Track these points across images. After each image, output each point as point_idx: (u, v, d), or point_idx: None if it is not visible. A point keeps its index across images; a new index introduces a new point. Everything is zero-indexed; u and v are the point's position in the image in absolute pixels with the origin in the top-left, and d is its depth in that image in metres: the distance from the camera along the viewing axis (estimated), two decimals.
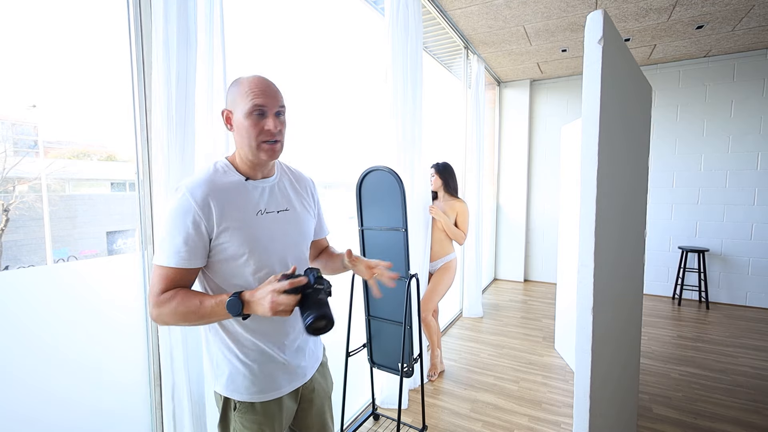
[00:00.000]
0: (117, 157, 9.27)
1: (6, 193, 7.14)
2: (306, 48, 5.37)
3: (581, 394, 1.13)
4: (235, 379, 0.92)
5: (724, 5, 2.95)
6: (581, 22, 3.24)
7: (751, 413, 2.18)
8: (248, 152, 0.88)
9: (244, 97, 0.85)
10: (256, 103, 0.84)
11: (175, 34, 1.07)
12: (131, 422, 1.21)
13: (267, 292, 0.78)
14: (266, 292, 0.78)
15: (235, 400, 0.93)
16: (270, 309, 0.76)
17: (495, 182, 5.28)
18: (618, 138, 1.30)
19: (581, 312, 1.14)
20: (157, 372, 1.18)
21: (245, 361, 0.92)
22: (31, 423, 1.04)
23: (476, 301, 3.80)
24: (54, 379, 1.09)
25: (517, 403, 2.29)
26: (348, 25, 3.62)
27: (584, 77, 1.14)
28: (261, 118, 0.86)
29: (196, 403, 1.20)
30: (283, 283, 0.77)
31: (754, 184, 4.03)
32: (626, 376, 1.66)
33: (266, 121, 0.86)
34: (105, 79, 9.27)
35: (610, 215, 1.24)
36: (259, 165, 0.92)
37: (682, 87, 4.28)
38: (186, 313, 0.81)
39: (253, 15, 2.80)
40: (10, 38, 7.76)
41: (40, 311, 1.09)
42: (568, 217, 2.86)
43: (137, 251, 1.18)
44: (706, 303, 4.13)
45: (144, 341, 1.19)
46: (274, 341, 0.94)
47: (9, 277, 1.22)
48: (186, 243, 0.82)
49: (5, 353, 1.01)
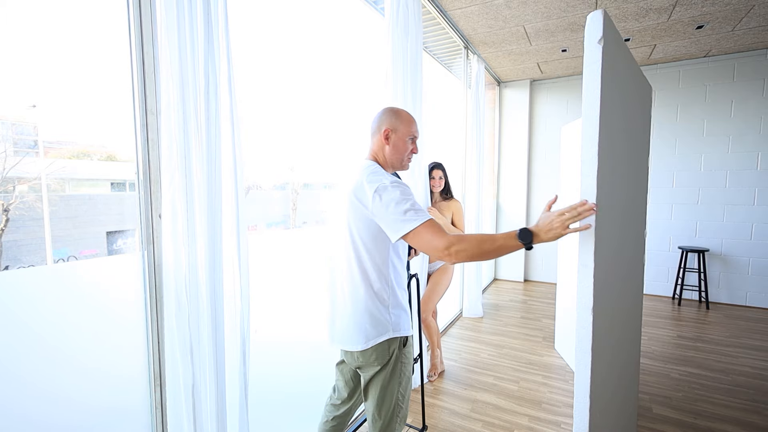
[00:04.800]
0: (117, 157, 9.27)
1: (6, 193, 7.15)
2: (306, 48, 5.37)
3: (581, 394, 1.13)
4: (401, 318, 1.23)
5: (724, 5, 2.95)
6: (581, 22, 3.24)
7: (751, 413, 2.18)
8: (397, 162, 1.27)
9: (406, 125, 1.25)
10: (413, 134, 1.27)
11: (177, 36, 1.07)
12: (131, 421, 1.21)
13: (553, 220, 1.01)
14: (553, 221, 1.01)
15: (405, 336, 1.23)
16: (563, 230, 1.00)
17: (495, 182, 5.28)
18: (618, 138, 1.30)
19: (581, 312, 1.14)
20: (158, 371, 1.18)
21: (403, 305, 1.24)
22: (32, 422, 1.04)
23: (476, 301, 3.80)
24: (54, 378, 1.09)
25: (517, 403, 2.29)
26: (348, 26, 3.62)
27: (584, 77, 1.14)
28: (412, 143, 1.27)
29: (197, 401, 1.20)
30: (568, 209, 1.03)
31: (754, 184, 4.03)
32: (626, 376, 1.66)
33: (414, 147, 1.29)
34: (105, 79, 9.27)
35: (610, 215, 1.24)
36: (398, 170, 1.31)
37: (682, 87, 4.28)
38: (483, 240, 1.04)
39: (254, 15, 2.80)
40: (10, 38, 7.75)
41: (40, 311, 1.09)
42: None
43: (137, 251, 1.18)
44: (706, 303, 4.13)
45: (144, 341, 1.19)
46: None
47: (9, 277, 1.22)
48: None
49: (6, 352, 1.01)
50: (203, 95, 1.16)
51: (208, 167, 1.17)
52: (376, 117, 1.29)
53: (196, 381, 1.20)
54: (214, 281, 1.21)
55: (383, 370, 1.22)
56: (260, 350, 1.64)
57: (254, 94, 17.47)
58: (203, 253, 1.18)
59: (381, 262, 1.19)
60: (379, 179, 1.12)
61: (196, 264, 1.17)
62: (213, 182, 1.19)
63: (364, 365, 1.24)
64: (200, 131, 1.16)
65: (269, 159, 15.86)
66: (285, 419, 2.19)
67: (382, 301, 1.20)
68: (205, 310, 1.20)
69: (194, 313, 1.17)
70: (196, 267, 1.17)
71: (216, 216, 1.21)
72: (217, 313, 1.23)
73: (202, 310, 1.20)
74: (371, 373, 1.24)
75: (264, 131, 16.42)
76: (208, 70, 1.16)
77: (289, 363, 2.70)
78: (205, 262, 1.18)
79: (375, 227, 1.15)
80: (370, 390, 1.25)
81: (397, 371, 1.24)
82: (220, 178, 1.22)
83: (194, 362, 1.19)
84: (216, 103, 1.19)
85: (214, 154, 1.20)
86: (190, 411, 1.19)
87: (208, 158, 1.18)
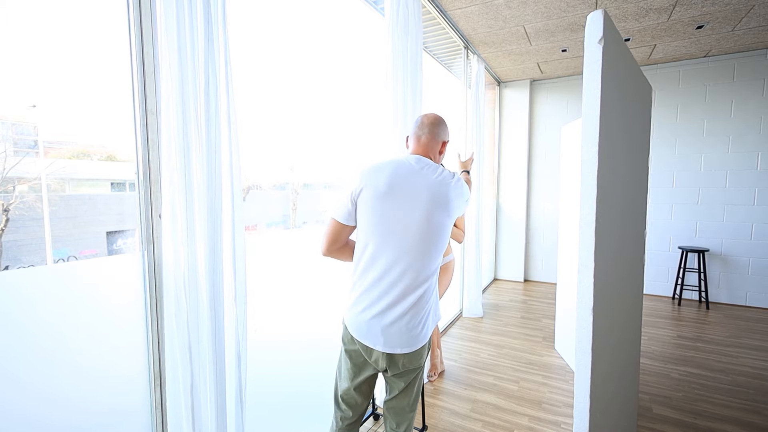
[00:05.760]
0: (117, 157, 9.27)
1: (6, 193, 7.15)
2: (306, 48, 5.39)
3: (581, 394, 1.13)
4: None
5: (724, 5, 2.95)
6: (581, 22, 3.24)
7: (751, 413, 2.18)
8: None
9: (449, 137, 1.35)
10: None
11: (176, 36, 1.07)
12: (131, 421, 1.21)
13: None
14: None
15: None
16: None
17: (495, 182, 5.28)
18: (618, 138, 1.30)
19: (581, 312, 1.14)
20: (158, 371, 1.18)
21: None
22: (31, 423, 1.04)
23: (476, 301, 3.80)
24: (54, 378, 1.09)
25: (517, 403, 2.29)
26: (348, 26, 3.63)
27: (584, 77, 1.14)
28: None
29: (197, 401, 1.20)
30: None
31: (754, 184, 4.03)
32: (626, 376, 1.66)
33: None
34: (105, 79, 9.27)
35: (610, 215, 1.24)
36: None
37: (682, 87, 4.28)
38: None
39: (254, 15, 2.81)
40: (10, 38, 7.76)
41: (40, 311, 1.09)
42: (568, 217, 2.86)
43: (137, 251, 1.18)
44: (706, 303, 4.13)
45: (144, 341, 1.19)
46: None
47: (9, 277, 1.22)
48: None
49: (5, 353, 1.01)
50: (203, 95, 1.16)
51: (207, 167, 1.17)
52: (434, 123, 1.31)
53: (196, 381, 1.20)
54: (214, 281, 1.21)
55: (424, 364, 1.26)
56: (260, 350, 1.64)
57: (254, 94, 17.49)
58: (203, 253, 1.18)
59: (439, 259, 1.22)
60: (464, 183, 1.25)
61: (196, 264, 1.17)
62: (213, 182, 1.19)
63: (410, 364, 1.21)
64: (200, 131, 1.16)
65: (269, 159, 15.86)
66: (285, 419, 2.19)
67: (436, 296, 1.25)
68: (204, 310, 1.20)
69: (194, 313, 1.17)
70: (195, 267, 1.17)
71: (216, 216, 1.21)
72: (216, 313, 1.23)
73: (201, 310, 1.20)
74: (416, 369, 1.25)
75: (264, 131, 16.43)
76: (207, 70, 1.16)
77: (289, 363, 2.70)
78: (205, 262, 1.18)
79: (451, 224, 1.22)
80: (413, 387, 1.26)
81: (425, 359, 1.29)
82: (219, 178, 1.22)
83: (193, 362, 1.19)
84: (216, 103, 1.19)
85: (214, 154, 1.20)
86: (189, 411, 1.19)
87: (208, 158, 1.18)
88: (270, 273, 3.20)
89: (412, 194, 1.14)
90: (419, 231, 1.14)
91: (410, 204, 1.14)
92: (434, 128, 1.29)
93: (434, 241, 1.16)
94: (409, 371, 1.24)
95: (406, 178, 1.16)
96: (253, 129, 15.38)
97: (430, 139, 1.28)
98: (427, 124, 1.29)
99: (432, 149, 1.28)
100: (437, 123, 1.30)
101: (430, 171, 1.19)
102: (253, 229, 12.39)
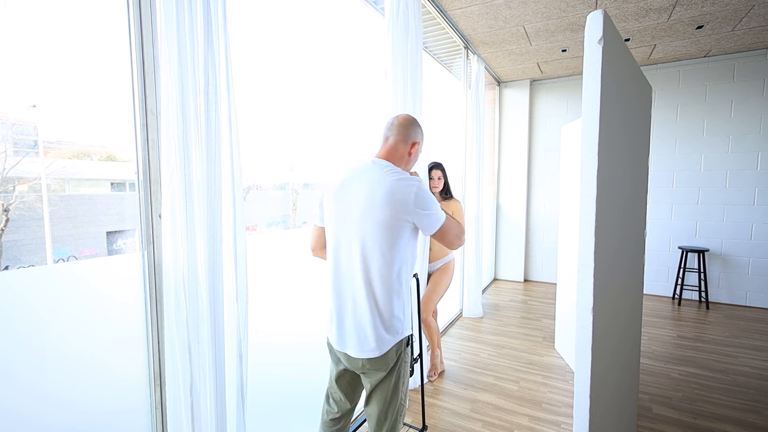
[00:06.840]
0: (117, 157, 9.27)
1: (6, 193, 7.15)
2: (306, 48, 5.38)
3: (581, 394, 1.13)
4: (407, 318, 1.24)
5: (724, 5, 2.95)
6: (581, 22, 3.24)
7: (751, 413, 2.18)
8: (406, 170, 1.29)
9: (423, 140, 1.34)
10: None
11: (176, 36, 1.07)
12: (131, 421, 1.21)
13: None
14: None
15: (409, 335, 1.26)
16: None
17: (495, 182, 5.28)
18: (618, 138, 1.30)
19: (581, 312, 1.14)
20: (158, 371, 1.18)
21: (408, 305, 1.26)
22: (31, 423, 1.04)
23: (476, 301, 3.80)
24: (54, 379, 1.09)
25: (517, 403, 2.29)
26: (348, 26, 3.63)
27: (584, 77, 1.14)
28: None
29: (196, 401, 1.20)
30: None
31: (754, 184, 4.03)
32: (626, 376, 1.66)
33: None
34: (105, 79, 9.28)
35: (610, 215, 1.24)
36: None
37: (682, 87, 4.28)
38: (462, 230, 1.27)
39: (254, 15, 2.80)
40: (10, 38, 7.76)
41: (40, 311, 1.08)
42: (568, 217, 2.86)
43: (137, 251, 1.18)
44: (706, 303, 4.13)
45: (144, 341, 1.19)
46: None
47: (9, 277, 1.22)
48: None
49: (5, 353, 1.01)
50: (203, 95, 1.16)
51: (207, 167, 1.17)
52: (403, 124, 1.28)
53: (196, 381, 1.20)
54: (214, 281, 1.21)
55: (392, 372, 1.21)
56: (260, 350, 1.64)
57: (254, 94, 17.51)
58: (203, 253, 1.18)
59: (401, 263, 1.17)
60: (412, 179, 1.17)
61: (196, 264, 1.17)
62: (212, 182, 1.19)
63: (371, 370, 1.21)
64: (200, 131, 1.16)
65: (269, 159, 15.86)
66: (285, 419, 2.18)
67: (397, 304, 1.18)
68: (204, 310, 1.20)
69: (193, 313, 1.17)
70: (195, 267, 1.17)
71: (215, 216, 1.21)
72: (216, 313, 1.23)
73: (201, 310, 1.20)
74: (379, 377, 1.21)
75: (264, 131, 16.45)
76: (207, 69, 1.16)
77: (289, 363, 2.70)
78: (205, 262, 1.18)
79: (401, 225, 1.13)
80: (377, 394, 1.23)
81: (402, 371, 1.25)
82: (219, 177, 1.22)
83: (193, 362, 1.19)
84: (216, 103, 1.19)
85: (214, 154, 1.20)
86: (189, 411, 1.19)
87: (208, 158, 1.18)
88: (270, 273, 3.19)
89: (356, 193, 1.18)
90: (364, 228, 1.14)
91: (355, 202, 1.17)
92: (403, 129, 1.27)
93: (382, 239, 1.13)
94: (372, 372, 1.21)
95: (353, 178, 1.21)
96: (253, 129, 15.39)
97: (398, 140, 1.26)
98: (396, 125, 1.28)
99: (398, 150, 1.26)
100: (407, 124, 1.28)
101: (378, 168, 1.19)
102: (253, 229, 12.39)
